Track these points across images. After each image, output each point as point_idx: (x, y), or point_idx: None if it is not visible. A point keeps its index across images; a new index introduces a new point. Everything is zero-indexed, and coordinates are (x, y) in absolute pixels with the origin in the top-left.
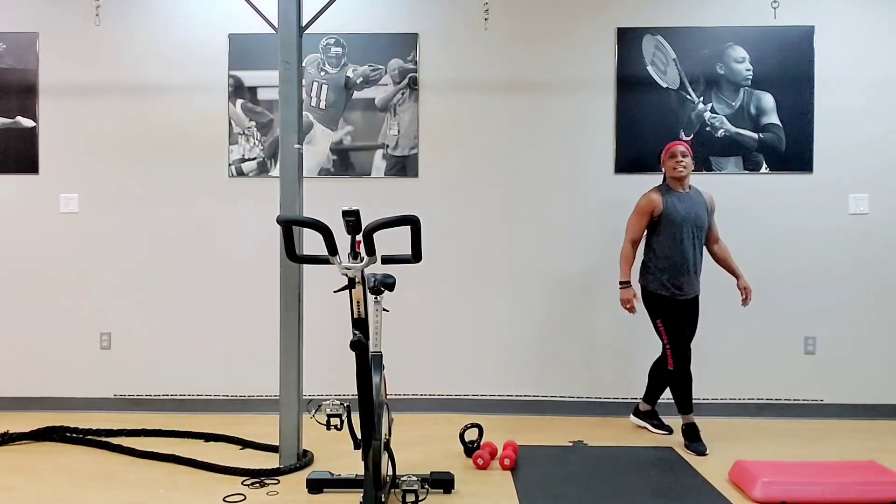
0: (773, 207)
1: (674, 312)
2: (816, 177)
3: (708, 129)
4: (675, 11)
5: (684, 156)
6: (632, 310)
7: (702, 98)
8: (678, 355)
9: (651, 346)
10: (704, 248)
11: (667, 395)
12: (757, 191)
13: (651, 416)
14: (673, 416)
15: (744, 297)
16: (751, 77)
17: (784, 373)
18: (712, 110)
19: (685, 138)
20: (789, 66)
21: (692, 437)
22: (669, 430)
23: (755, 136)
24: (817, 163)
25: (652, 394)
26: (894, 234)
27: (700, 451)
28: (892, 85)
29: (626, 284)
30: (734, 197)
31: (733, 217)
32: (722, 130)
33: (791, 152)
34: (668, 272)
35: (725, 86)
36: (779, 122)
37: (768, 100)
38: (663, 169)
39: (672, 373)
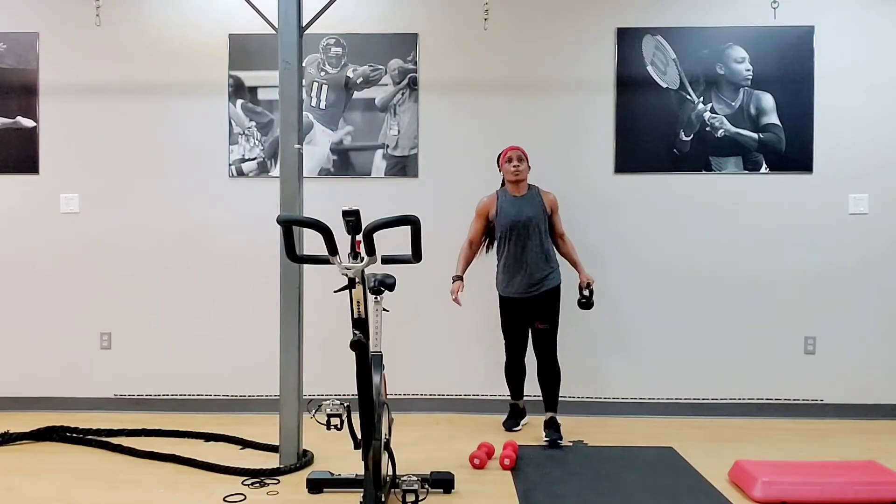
0: (773, 207)
1: (506, 309)
2: (816, 177)
3: (708, 129)
4: (675, 11)
5: (520, 160)
6: (456, 301)
7: (702, 98)
8: (507, 348)
9: (650, 347)
10: (549, 247)
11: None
12: (757, 191)
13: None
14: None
15: (585, 293)
16: (750, 77)
17: (784, 373)
18: (712, 110)
19: (685, 138)
20: (789, 66)
21: (515, 415)
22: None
23: (755, 136)
24: (817, 163)
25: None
26: (894, 234)
27: (509, 427)
28: (892, 85)
29: (456, 278)
30: (734, 197)
31: (733, 217)
32: (722, 130)
33: (791, 152)
34: (502, 272)
35: (725, 86)
36: (779, 122)
37: (768, 100)
38: (501, 172)
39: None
